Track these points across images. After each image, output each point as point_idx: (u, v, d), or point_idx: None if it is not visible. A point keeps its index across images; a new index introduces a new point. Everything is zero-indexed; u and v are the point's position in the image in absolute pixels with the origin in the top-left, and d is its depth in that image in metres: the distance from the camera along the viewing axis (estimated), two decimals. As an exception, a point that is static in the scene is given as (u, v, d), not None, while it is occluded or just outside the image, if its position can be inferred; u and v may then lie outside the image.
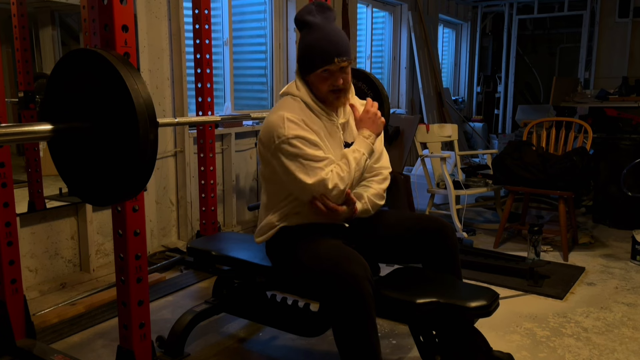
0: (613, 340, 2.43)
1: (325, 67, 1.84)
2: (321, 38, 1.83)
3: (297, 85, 1.94)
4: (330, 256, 1.73)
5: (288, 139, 1.79)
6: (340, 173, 1.83)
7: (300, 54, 1.90)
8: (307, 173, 1.80)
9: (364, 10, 5.78)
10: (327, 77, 1.86)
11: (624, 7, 7.04)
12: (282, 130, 1.80)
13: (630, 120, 4.93)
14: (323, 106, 1.92)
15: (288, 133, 1.79)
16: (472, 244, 3.76)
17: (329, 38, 1.83)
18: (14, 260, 2.18)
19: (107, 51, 1.40)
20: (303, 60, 1.90)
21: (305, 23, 1.88)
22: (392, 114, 4.60)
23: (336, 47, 1.83)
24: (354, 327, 1.67)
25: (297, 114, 1.85)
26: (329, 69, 1.84)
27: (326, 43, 1.83)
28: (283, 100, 1.94)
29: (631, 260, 3.49)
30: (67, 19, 3.23)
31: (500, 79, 8.35)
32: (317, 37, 1.84)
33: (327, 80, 1.87)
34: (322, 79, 1.87)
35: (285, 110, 1.85)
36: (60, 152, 1.51)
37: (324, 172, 1.81)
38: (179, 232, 3.70)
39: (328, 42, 1.83)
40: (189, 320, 2.25)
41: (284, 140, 1.79)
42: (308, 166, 1.80)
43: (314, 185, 1.80)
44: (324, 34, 1.84)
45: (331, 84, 1.87)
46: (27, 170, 2.93)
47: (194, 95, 3.31)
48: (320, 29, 1.85)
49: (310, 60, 1.86)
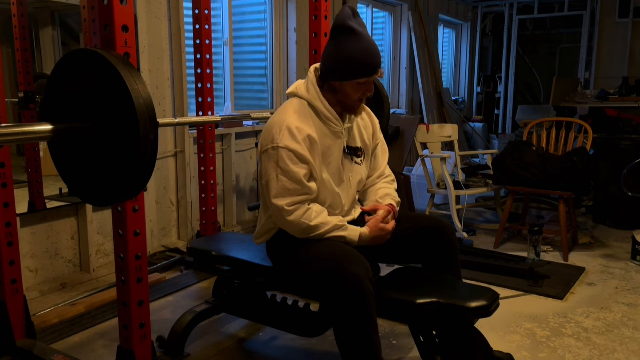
0: (613, 340, 2.43)
1: (366, 77, 1.83)
2: (364, 48, 1.81)
3: (307, 87, 1.92)
4: (331, 256, 1.73)
5: (278, 146, 1.79)
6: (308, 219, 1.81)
7: (338, 60, 1.83)
8: (277, 189, 1.80)
9: (364, 10, 5.78)
10: (362, 86, 1.86)
11: (624, 7, 7.04)
12: (277, 135, 1.80)
13: (630, 120, 4.93)
14: (333, 111, 1.90)
15: (281, 141, 1.79)
16: (472, 244, 3.76)
17: (371, 49, 1.82)
18: (14, 260, 2.18)
19: (107, 51, 1.40)
20: (341, 67, 1.83)
21: (347, 28, 1.82)
22: (392, 114, 4.60)
23: (377, 59, 1.83)
24: (355, 326, 1.67)
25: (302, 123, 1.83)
26: (367, 80, 1.84)
27: (369, 54, 1.82)
28: (289, 102, 1.93)
29: (631, 260, 3.49)
30: (67, 19, 3.23)
31: (500, 79, 8.35)
32: (361, 46, 1.81)
33: (360, 90, 1.86)
34: (357, 87, 1.85)
35: (290, 115, 1.85)
36: (60, 152, 1.51)
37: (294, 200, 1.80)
38: (179, 232, 3.70)
39: (371, 54, 1.82)
40: (189, 320, 2.25)
41: (275, 147, 1.80)
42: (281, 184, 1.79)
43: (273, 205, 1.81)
44: (367, 44, 1.82)
45: (363, 93, 1.87)
46: (27, 170, 2.93)
47: (194, 95, 3.31)
48: (362, 37, 1.82)
49: (351, 68, 1.82)
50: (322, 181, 1.90)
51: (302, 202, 1.82)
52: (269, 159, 1.81)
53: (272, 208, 1.83)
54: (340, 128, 1.93)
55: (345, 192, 1.99)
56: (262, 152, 1.85)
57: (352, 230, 1.88)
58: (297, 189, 1.81)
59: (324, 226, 1.83)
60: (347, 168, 1.98)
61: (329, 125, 1.90)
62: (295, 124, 1.82)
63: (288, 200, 1.80)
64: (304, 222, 1.81)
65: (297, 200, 1.81)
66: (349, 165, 1.99)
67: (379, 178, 2.13)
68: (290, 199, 1.80)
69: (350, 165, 1.99)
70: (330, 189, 1.93)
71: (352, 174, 2.00)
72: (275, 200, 1.80)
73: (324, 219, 1.84)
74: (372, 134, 2.11)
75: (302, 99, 1.91)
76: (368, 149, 2.08)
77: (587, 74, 7.46)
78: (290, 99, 1.94)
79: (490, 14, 8.49)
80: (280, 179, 1.79)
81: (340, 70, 1.84)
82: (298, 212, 1.80)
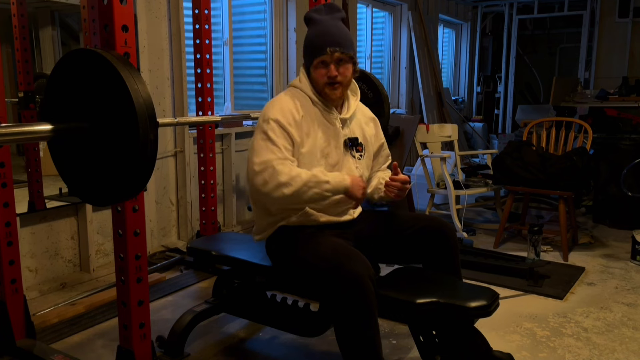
0: (613, 340, 2.43)
1: (320, 57, 1.91)
2: (319, 31, 1.93)
3: (300, 78, 2.02)
4: (332, 255, 1.73)
5: (269, 118, 1.87)
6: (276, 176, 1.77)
7: (303, 47, 2.00)
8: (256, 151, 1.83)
9: (364, 10, 5.78)
10: (322, 68, 1.93)
11: (624, 7, 7.05)
12: (269, 112, 1.89)
13: (630, 120, 4.93)
14: (322, 98, 1.97)
15: (271, 115, 1.87)
16: (472, 244, 3.76)
17: (325, 31, 1.92)
18: (14, 260, 2.18)
19: (107, 51, 1.40)
20: (304, 53, 2.00)
21: (309, 19, 1.99)
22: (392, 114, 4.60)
23: (331, 38, 1.90)
24: (356, 326, 1.67)
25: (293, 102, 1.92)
26: (324, 60, 1.91)
27: (322, 35, 1.91)
28: (286, 90, 2.04)
29: (631, 260, 3.49)
30: (67, 19, 3.23)
31: (500, 79, 8.36)
32: (316, 30, 1.94)
33: (323, 71, 1.93)
34: (319, 70, 1.93)
35: (282, 98, 1.96)
36: (60, 152, 1.51)
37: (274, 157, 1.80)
38: (179, 232, 3.70)
39: (324, 34, 1.91)
40: (189, 320, 2.25)
41: (265, 120, 1.88)
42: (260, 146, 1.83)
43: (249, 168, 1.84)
44: (323, 27, 1.93)
45: (326, 75, 1.92)
46: (27, 170, 2.93)
47: (194, 95, 3.31)
48: (320, 23, 1.95)
49: (308, 52, 1.96)
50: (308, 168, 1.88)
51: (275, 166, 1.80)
52: (259, 130, 1.89)
53: (250, 171, 1.84)
54: (334, 114, 1.98)
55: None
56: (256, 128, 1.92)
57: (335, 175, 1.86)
58: (274, 153, 1.82)
59: (297, 180, 1.78)
60: (347, 162, 1.99)
61: (322, 112, 1.97)
62: (287, 104, 1.93)
63: (261, 158, 1.81)
64: (272, 179, 1.78)
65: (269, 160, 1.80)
66: (350, 159, 2.00)
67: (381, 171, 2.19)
68: (264, 158, 1.81)
69: (350, 160, 2.00)
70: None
71: (351, 168, 2.00)
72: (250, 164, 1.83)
73: (295, 171, 1.80)
74: (374, 132, 2.13)
75: (295, 88, 2.01)
76: (369, 145, 2.09)
77: (587, 74, 7.46)
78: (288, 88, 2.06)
79: (490, 14, 8.49)
80: (268, 147, 1.83)
81: (304, 55, 1.99)
82: (267, 171, 1.79)
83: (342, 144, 1.98)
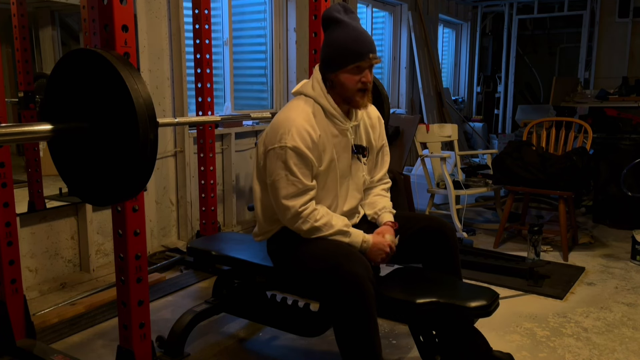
0: (613, 340, 2.43)
1: (358, 62, 1.82)
2: (353, 35, 1.83)
3: (312, 85, 1.92)
4: (332, 255, 1.73)
5: (287, 146, 1.79)
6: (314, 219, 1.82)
7: (330, 50, 1.86)
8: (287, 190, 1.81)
9: (364, 10, 5.78)
10: (356, 74, 1.85)
11: (624, 7, 7.05)
12: (286, 135, 1.79)
13: (630, 120, 4.93)
14: (338, 109, 1.90)
15: (289, 141, 1.79)
16: (472, 244, 3.76)
17: (360, 35, 1.84)
18: (14, 260, 2.18)
19: (107, 51, 1.40)
20: (333, 57, 1.86)
21: (334, 20, 1.87)
22: (392, 114, 4.60)
23: (369, 44, 1.84)
24: (356, 326, 1.67)
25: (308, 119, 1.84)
26: (360, 66, 1.83)
27: (357, 40, 1.83)
28: (295, 101, 1.93)
29: (631, 260, 3.49)
30: (67, 19, 3.23)
31: (500, 79, 8.35)
32: (350, 34, 1.83)
33: (355, 79, 1.85)
34: (351, 76, 1.84)
35: (297, 114, 1.84)
36: (60, 152, 1.51)
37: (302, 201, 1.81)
38: (179, 232, 3.70)
39: (361, 39, 1.83)
40: (189, 320, 2.25)
41: (283, 147, 1.79)
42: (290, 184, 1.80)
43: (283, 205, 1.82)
44: (355, 31, 1.84)
45: (360, 81, 1.85)
46: (27, 170, 2.93)
47: (194, 95, 3.30)
48: (350, 26, 1.85)
49: (343, 56, 1.83)
50: (324, 182, 1.90)
51: (310, 201, 1.83)
52: (277, 158, 1.81)
53: (280, 208, 1.84)
54: (347, 126, 1.93)
55: (351, 193, 1.99)
56: (268, 151, 1.84)
57: (355, 236, 1.87)
58: (305, 189, 1.82)
59: (328, 229, 1.84)
60: (354, 169, 1.99)
61: (335, 123, 1.90)
62: (303, 123, 1.82)
63: (298, 201, 1.81)
64: (310, 222, 1.82)
65: (305, 200, 1.82)
66: (357, 166, 2.00)
67: (379, 182, 2.14)
68: (300, 200, 1.81)
69: (357, 166, 2.00)
70: (332, 190, 1.93)
71: (358, 175, 2.01)
72: (285, 201, 1.81)
73: (330, 220, 1.85)
74: (378, 134, 2.11)
75: (308, 97, 1.91)
76: (373, 148, 2.08)
77: (587, 74, 7.46)
78: (296, 98, 1.94)
79: (490, 14, 8.49)
80: (289, 179, 1.80)
81: (332, 61, 1.86)
82: (305, 212, 1.82)
83: (350, 150, 1.97)
